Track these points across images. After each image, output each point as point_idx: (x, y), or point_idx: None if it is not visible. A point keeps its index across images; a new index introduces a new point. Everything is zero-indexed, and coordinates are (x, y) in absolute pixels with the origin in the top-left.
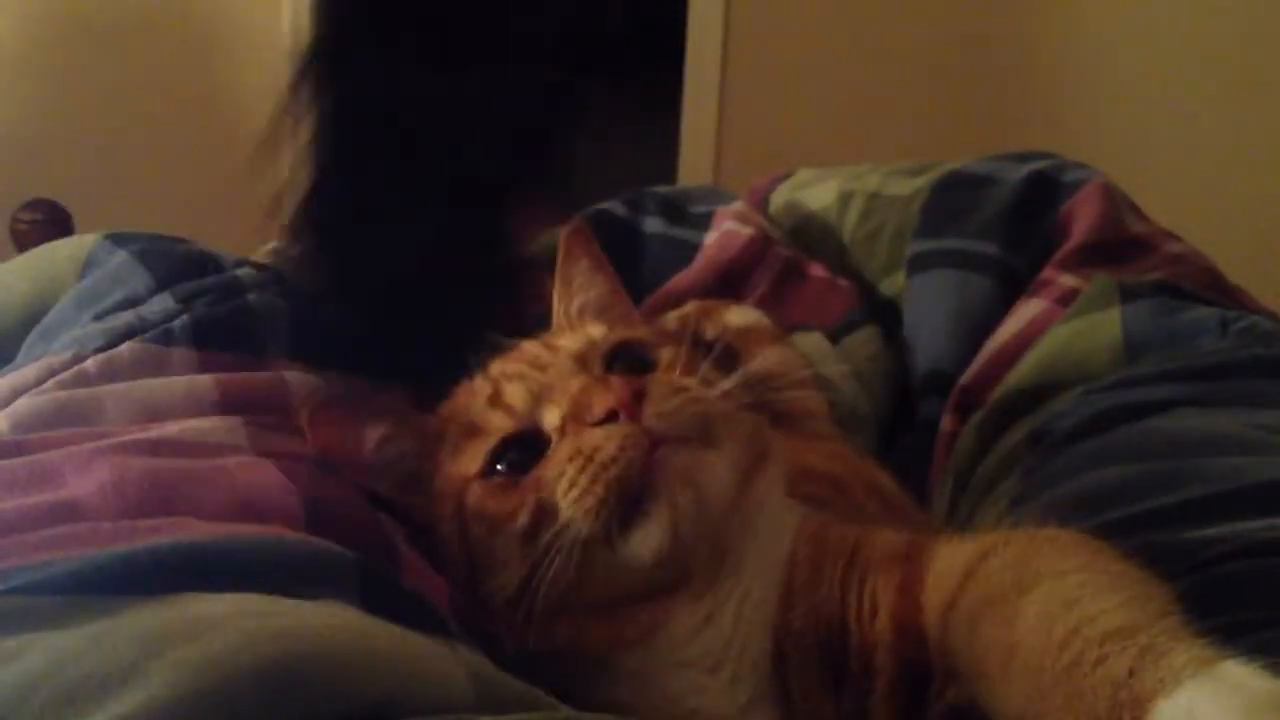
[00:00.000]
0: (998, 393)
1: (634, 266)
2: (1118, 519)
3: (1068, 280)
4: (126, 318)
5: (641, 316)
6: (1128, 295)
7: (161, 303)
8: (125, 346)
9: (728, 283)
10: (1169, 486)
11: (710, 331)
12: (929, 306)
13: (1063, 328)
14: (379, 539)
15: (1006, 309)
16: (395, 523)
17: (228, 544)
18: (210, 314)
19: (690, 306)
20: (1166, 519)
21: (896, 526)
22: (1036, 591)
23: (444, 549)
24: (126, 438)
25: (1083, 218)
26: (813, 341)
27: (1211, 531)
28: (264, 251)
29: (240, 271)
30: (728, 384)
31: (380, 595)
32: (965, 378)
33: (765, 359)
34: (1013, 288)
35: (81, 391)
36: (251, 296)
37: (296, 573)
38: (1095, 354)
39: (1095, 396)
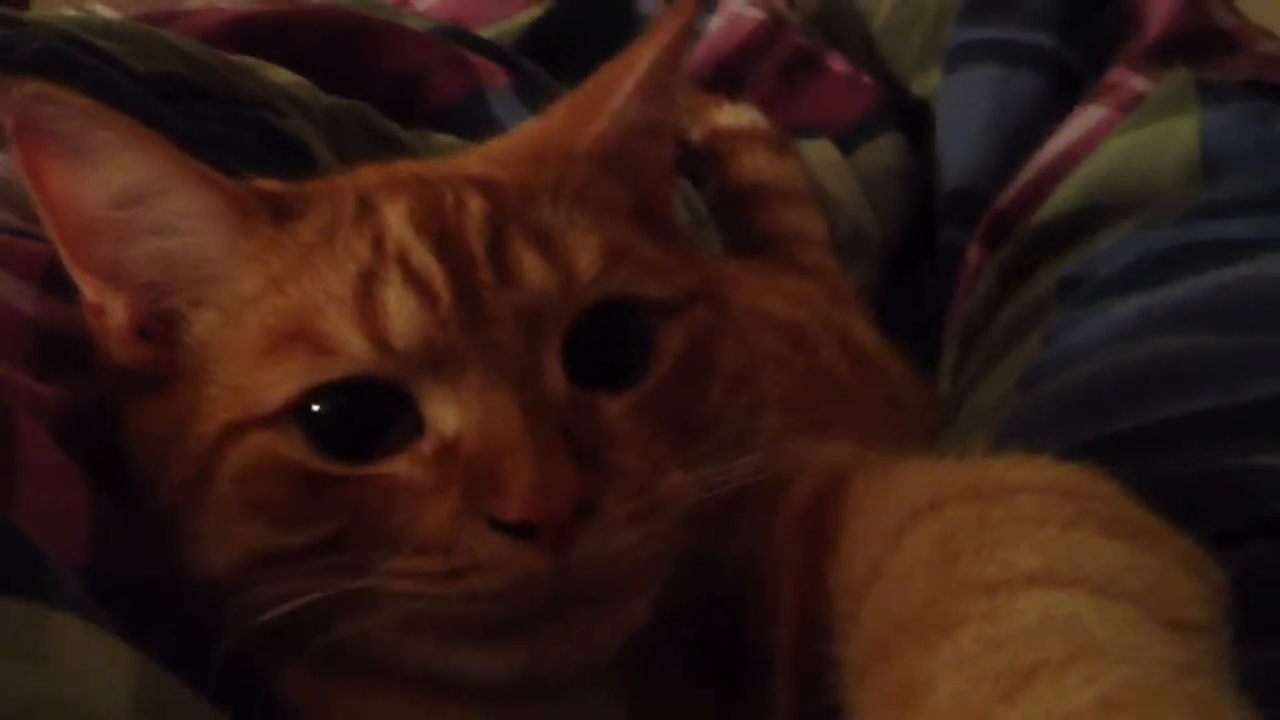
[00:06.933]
0: (1032, 221)
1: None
2: (1161, 423)
3: (1139, 83)
4: None
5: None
6: (1211, 96)
7: None
8: None
9: (729, 73)
10: (1247, 373)
11: (696, 133)
12: (964, 110)
13: (1123, 137)
14: None
15: (1059, 116)
16: (20, 378)
17: None
18: None
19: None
20: (1235, 429)
21: (868, 396)
22: (963, 634)
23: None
24: None
25: (1160, 4)
26: (820, 150)
27: None
28: None
29: None
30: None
31: None
32: (1002, 200)
33: (756, 169)
34: (1068, 89)
35: None
36: None
37: None
38: (1162, 171)
39: (1156, 232)
